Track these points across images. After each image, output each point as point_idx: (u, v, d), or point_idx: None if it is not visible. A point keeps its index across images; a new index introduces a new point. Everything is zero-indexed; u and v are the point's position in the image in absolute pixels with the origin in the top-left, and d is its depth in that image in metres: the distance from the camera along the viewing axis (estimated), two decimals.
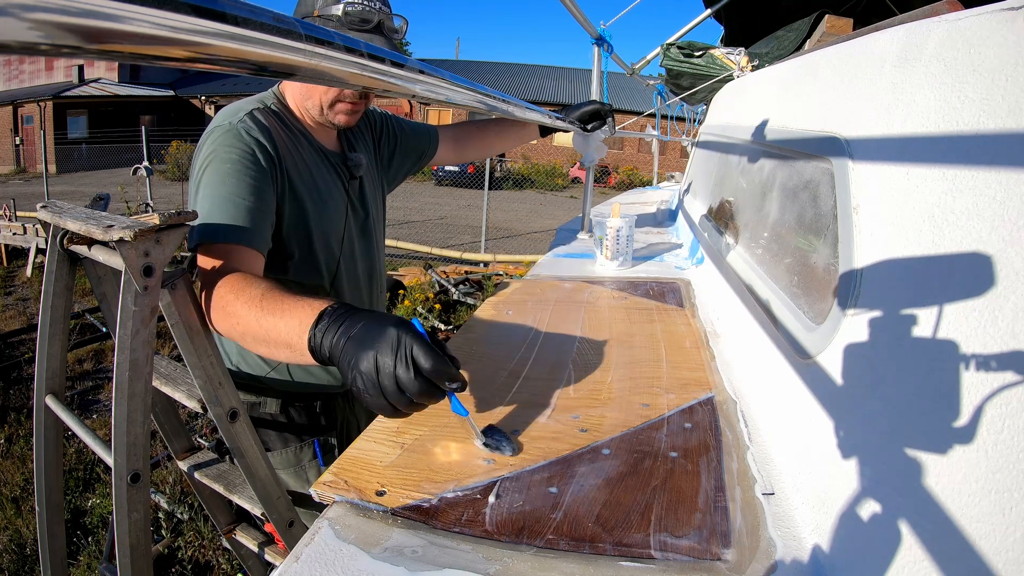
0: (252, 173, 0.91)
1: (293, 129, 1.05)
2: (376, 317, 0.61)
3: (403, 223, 9.74)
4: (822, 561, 0.51)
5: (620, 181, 18.39)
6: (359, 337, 0.60)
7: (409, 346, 0.58)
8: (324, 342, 0.63)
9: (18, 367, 3.82)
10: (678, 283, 1.43)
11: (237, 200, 0.88)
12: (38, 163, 15.60)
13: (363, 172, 1.17)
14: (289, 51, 0.36)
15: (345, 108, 1.05)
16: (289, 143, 1.02)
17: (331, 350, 0.62)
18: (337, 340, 0.62)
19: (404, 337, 0.58)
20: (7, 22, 0.20)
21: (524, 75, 24.41)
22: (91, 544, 2.25)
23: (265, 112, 1.01)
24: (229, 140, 0.93)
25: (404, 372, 0.57)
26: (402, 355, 0.57)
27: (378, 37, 0.97)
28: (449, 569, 0.50)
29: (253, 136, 0.94)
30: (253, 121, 0.96)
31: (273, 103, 1.05)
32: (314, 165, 1.07)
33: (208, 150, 0.93)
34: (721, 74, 2.63)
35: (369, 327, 0.60)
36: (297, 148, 1.04)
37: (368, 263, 1.21)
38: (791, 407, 0.69)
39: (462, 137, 1.53)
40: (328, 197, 1.08)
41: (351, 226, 1.14)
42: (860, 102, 0.72)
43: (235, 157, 0.91)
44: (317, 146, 1.09)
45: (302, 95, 1.06)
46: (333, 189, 1.10)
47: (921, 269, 0.52)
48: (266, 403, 1.12)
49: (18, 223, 6.42)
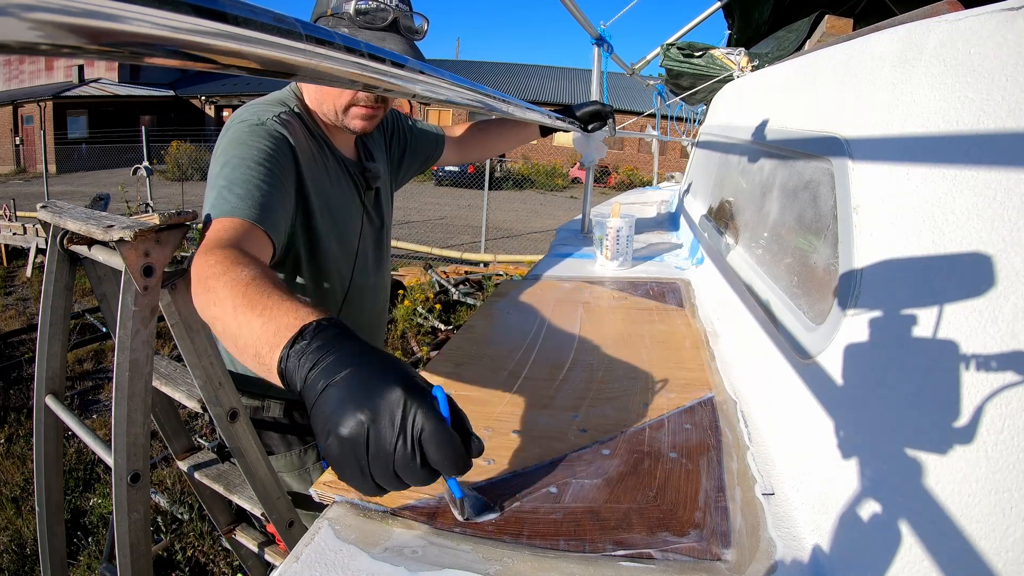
0: (276, 165, 0.87)
1: (315, 135, 1.02)
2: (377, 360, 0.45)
3: (403, 223, 9.74)
4: (822, 561, 0.51)
5: (620, 181, 18.39)
6: (347, 386, 0.43)
7: (419, 425, 0.42)
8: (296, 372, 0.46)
9: (18, 367, 3.82)
10: (678, 283, 1.43)
11: (257, 181, 0.83)
12: (38, 163, 15.59)
13: (381, 182, 1.14)
14: (289, 51, 0.36)
15: (360, 113, 0.99)
16: (311, 152, 0.99)
17: (304, 388, 0.45)
18: (315, 378, 0.45)
19: (413, 407, 0.43)
20: (7, 22, 0.20)
21: (524, 75, 24.41)
22: (91, 544, 2.25)
23: (290, 115, 0.97)
24: (259, 133, 0.89)
25: (404, 456, 0.42)
26: (408, 434, 0.42)
27: (393, 35, 0.93)
28: (449, 569, 0.50)
29: (282, 135, 0.91)
30: (281, 123, 0.93)
31: (296, 105, 1.01)
32: (334, 176, 1.04)
33: (233, 139, 0.88)
34: (721, 74, 2.64)
35: (364, 376, 0.44)
36: (320, 157, 1.01)
37: (379, 273, 1.20)
38: (791, 407, 0.69)
39: (465, 138, 1.53)
40: (345, 212, 1.06)
41: (366, 237, 1.13)
42: (860, 102, 0.72)
43: (262, 146, 0.87)
44: (337, 155, 1.06)
45: (316, 99, 1.02)
46: (351, 203, 1.08)
47: (921, 269, 0.52)
48: (269, 406, 1.12)
49: (18, 223, 6.42)
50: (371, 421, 0.42)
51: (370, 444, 0.42)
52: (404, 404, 0.42)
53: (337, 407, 0.43)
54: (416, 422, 0.42)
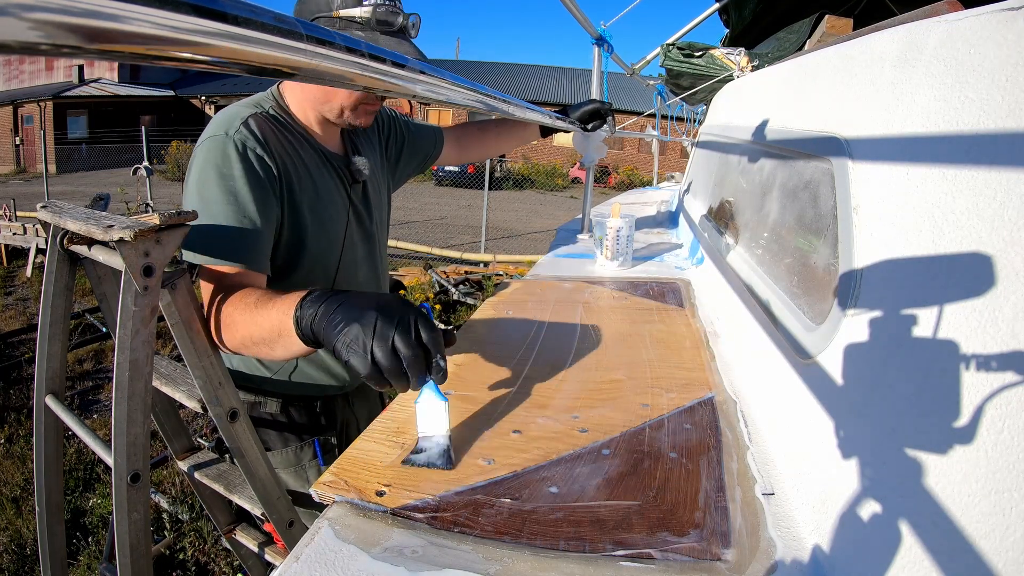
0: (254, 191, 0.90)
1: (294, 132, 1.03)
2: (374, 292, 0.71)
3: (403, 223, 9.74)
4: (822, 561, 0.51)
5: (620, 181, 18.39)
6: (352, 303, 0.62)
7: (414, 313, 0.61)
8: (307, 312, 0.65)
9: (18, 367, 3.82)
10: (678, 283, 1.43)
11: (242, 219, 0.88)
12: (38, 163, 15.60)
13: (366, 176, 1.15)
14: (290, 51, 0.36)
15: (369, 109, 1.04)
16: (288, 149, 1.00)
17: (317, 318, 0.64)
18: (326, 306, 0.63)
19: (409, 305, 0.63)
20: (7, 22, 0.20)
21: (524, 75, 24.42)
22: (91, 544, 2.25)
23: (262, 118, 0.97)
24: (228, 154, 0.90)
25: (404, 335, 0.59)
26: (405, 321, 0.60)
27: (404, 42, 0.95)
28: (449, 569, 0.50)
29: (251, 149, 0.92)
30: (249, 131, 0.93)
31: (272, 106, 1.02)
32: (315, 169, 1.05)
33: (205, 161, 0.90)
34: (721, 74, 2.64)
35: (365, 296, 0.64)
36: (298, 153, 1.02)
37: (370, 268, 1.20)
38: (791, 407, 0.69)
39: (464, 138, 1.53)
40: (329, 203, 1.06)
41: (352, 231, 1.13)
42: (860, 102, 0.72)
43: (236, 174, 0.89)
44: (319, 149, 1.07)
45: (318, 99, 1.02)
46: (335, 194, 1.08)
47: (921, 269, 0.52)
48: (266, 403, 1.12)
49: (18, 223, 6.42)
50: (380, 313, 0.60)
51: (376, 328, 0.59)
52: (403, 302, 0.62)
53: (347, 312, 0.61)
54: (412, 312, 0.61)
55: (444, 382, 0.63)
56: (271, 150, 0.95)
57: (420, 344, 0.60)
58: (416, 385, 0.60)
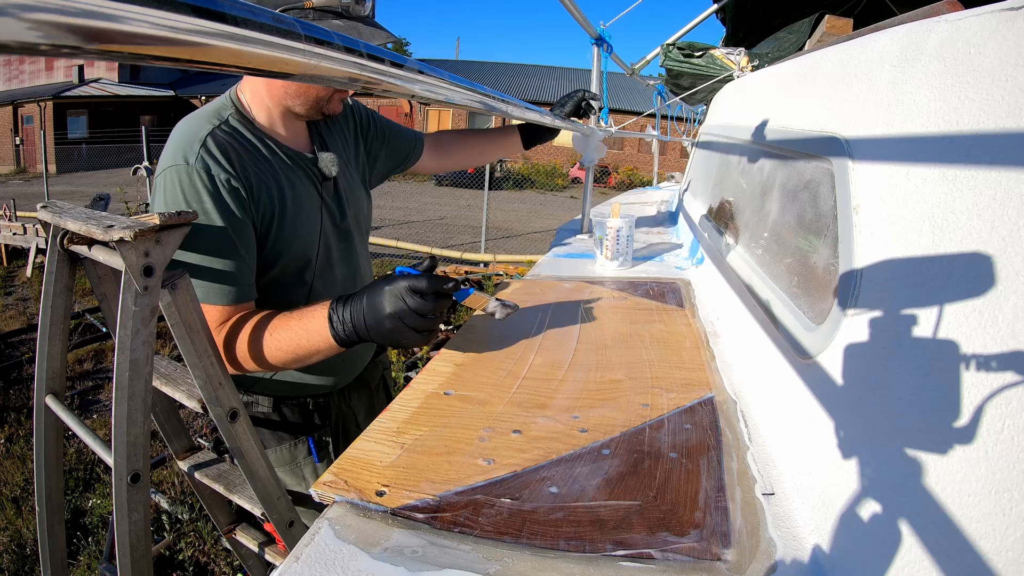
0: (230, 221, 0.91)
1: (257, 137, 1.01)
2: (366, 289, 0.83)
3: (403, 223, 9.74)
4: (822, 561, 0.51)
5: (620, 181, 18.38)
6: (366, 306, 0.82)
7: (403, 285, 0.80)
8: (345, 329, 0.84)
9: (18, 367, 3.83)
10: (678, 283, 1.43)
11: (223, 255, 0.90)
12: (38, 163, 15.60)
13: (336, 172, 1.12)
14: (288, 51, 0.36)
15: (341, 97, 1.07)
16: (253, 161, 0.98)
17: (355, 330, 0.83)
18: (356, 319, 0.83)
19: (396, 282, 0.80)
20: (7, 22, 0.20)
21: (524, 75, 24.40)
22: (91, 544, 2.25)
23: (221, 135, 0.95)
24: (196, 187, 0.89)
25: (414, 302, 0.79)
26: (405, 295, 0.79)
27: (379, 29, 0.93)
28: (449, 569, 0.50)
29: (217, 176, 0.90)
30: (211, 157, 0.91)
31: (231, 114, 0.99)
32: (284, 175, 1.02)
33: (173, 197, 0.89)
34: (721, 74, 2.64)
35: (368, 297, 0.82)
36: (264, 161, 1.00)
37: (349, 266, 1.18)
38: (791, 407, 0.69)
39: (443, 146, 1.51)
40: (302, 206, 1.04)
41: (327, 230, 1.10)
42: (860, 102, 0.72)
43: (208, 207, 0.89)
44: (285, 150, 1.04)
45: (289, 93, 1.00)
46: (306, 196, 1.06)
47: (921, 269, 0.52)
48: (258, 401, 1.13)
49: (18, 223, 6.43)
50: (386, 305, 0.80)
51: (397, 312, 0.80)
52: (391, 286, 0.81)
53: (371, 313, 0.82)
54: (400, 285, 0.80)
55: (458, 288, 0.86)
56: (236, 171, 0.93)
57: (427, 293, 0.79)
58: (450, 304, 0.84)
